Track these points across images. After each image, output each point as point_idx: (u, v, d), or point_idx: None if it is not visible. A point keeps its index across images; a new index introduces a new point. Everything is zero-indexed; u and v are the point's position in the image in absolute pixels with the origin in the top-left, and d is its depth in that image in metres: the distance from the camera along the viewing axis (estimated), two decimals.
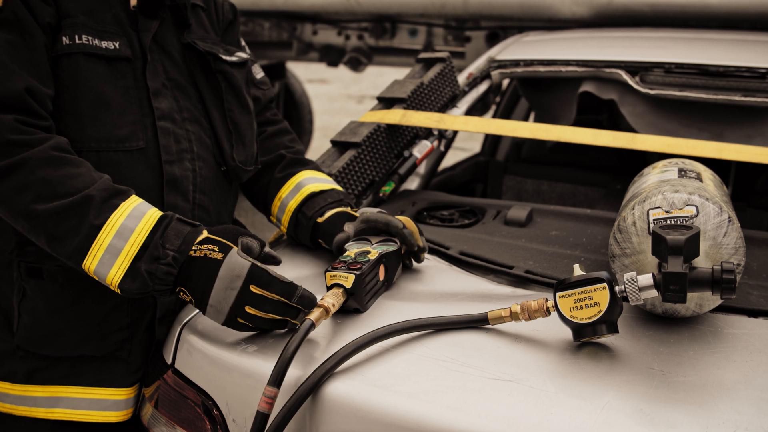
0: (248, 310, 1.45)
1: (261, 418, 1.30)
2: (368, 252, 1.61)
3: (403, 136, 2.38)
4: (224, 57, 1.82)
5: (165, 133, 1.68)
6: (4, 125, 1.45)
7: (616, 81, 2.55)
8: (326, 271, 1.56)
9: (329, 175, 2.10)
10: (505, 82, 3.11)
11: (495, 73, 2.72)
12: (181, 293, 1.50)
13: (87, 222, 1.46)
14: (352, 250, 1.64)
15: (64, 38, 1.59)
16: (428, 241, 1.89)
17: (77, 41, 1.60)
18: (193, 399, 1.52)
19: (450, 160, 3.14)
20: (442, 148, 2.59)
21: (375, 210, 1.79)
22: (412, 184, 2.63)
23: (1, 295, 1.69)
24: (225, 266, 1.46)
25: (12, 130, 1.46)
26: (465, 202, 2.24)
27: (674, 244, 1.33)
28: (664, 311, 1.50)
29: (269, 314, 1.45)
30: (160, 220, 1.51)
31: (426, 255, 1.85)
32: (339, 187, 1.95)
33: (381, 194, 2.26)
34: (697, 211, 1.46)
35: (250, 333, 1.51)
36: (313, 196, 1.88)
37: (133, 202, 1.52)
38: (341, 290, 1.51)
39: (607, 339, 1.42)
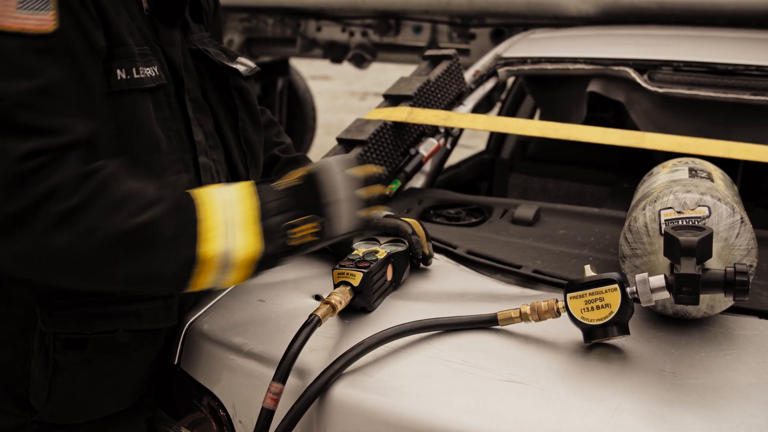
0: (360, 193, 1.38)
1: (266, 414, 1.29)
2: (376, 251, 1.60)
3: (410, 134, 2.36)
4: (241, 70, 1.64)
5: (205, 169, 1.51)
6: (70, 160, 1.21)
7: (624, 79, 2.53)
8: (334, 268, 1.54)
9: None
10: (510, 79, 3.09)
11: (502, 71, 2.71)
12: (302, 228, 1.32)
13: (184, 210, 1.26)
14: (360, 249, 1.62)
15: (119, 71, 1.33)
16: (435, 240, 1.88)
17: (135, 76, 1.36)
18: (198, 399, 1.50)
19: (454, 157, 3.12)
20: (448, 145, 2.57)
21: (381, 213, 1.75)
22: (418, 182, 2.61)
23: (4, 367, 1.44)
24: (316, 172, 1.36)
25: (76, 164, 1.21)
26: (472, 201, 2.23)
27: (687, 245, 1.31)
28: (675, 312, 1.48)
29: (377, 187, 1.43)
30: (248, 188, 1.33)
31: (433, 254, 1.84)
32: None
33: (387, 192, 2.25)
34: (710, 212, 1.45)
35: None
36: None
37: (207, 188, 1.33)
38: (348, 288, 1.50)
39: (617, 340, 1.41)
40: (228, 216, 1.27)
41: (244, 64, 1.69)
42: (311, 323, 1.36)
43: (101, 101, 1.32)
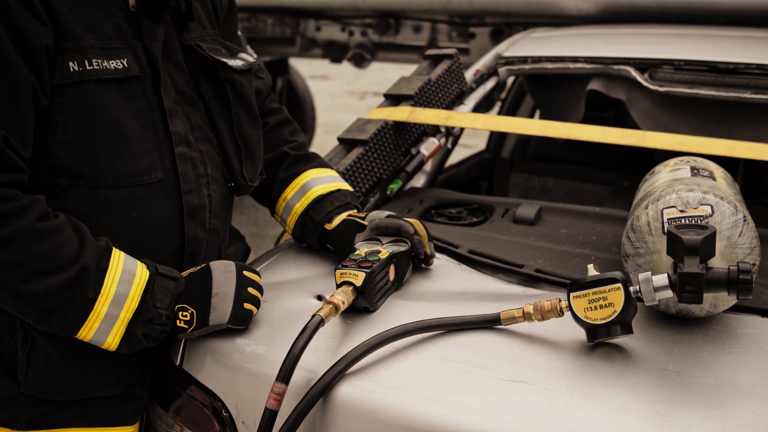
0: (250, 291, 1.52)
1: (269, 414, 1.29)
2: (379, 251, 1.60)
3: (411, 134, 2.36)
4: (232, 64, 1.67)
5: (183, 160, 1.56)
6: None
7: (624, 78, 2.53)
8: (336, 268, 1.54)
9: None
10: (510, 79, 3.09)
11: (502, 70, 2.70)
12: (181, 314, 1.48)
13: (83, 295, 1.39)
14: (363, 249, 1.62)
15: (71, 64, 1.40)
16: (437, 239, 1.88)
17: (87, 67, 1.41)
18: (201, 400, 1.50)
19: (454, 156, 3.12)
20: (449, 145, 2.57)
21: (383, 214, 1.76)
22: (418, 181, 2.61)
23: (1, 341, 1.53)
24: (213, 265, 1.55)
25: None
26: (473, 200, 2.22)
27: (691, 244, 1.31)
28: (678, 311, 1.48)
29: (260, 296, 1.55)
30: (149, 281, 1.46)
31: (435, 253, 1.84)
32: (345, 185, 1.91)
33: (388, 192, 2.25)
34: (712, 211, 1.45)
35: (241, 330, 1.53)
36: (320, 199, 1.83)
37: (119, 261, 1.44)
38: (351, 288, 1.50)
39: (620, 339, 1.41)
40: (113, 312, 1.43)
41: (242, 59, 1.72)
42: (314, 323, 1.36)
43: (53, 93, 1.40)
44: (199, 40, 1.66)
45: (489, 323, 1.46)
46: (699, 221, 1.44)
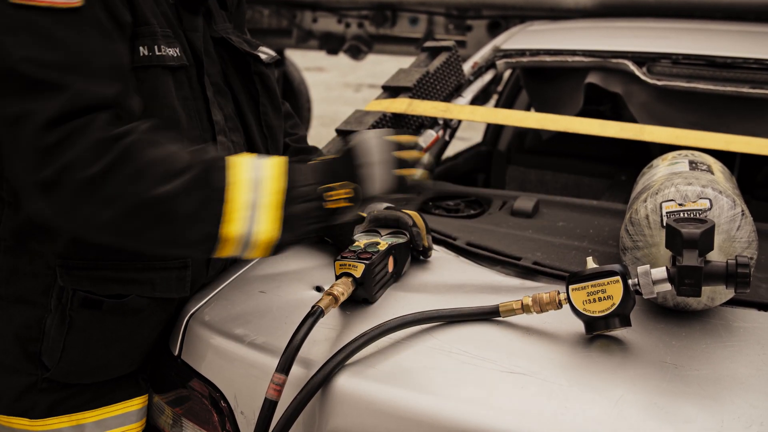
0: (399, 155, 1.45)
1: (269, 405, 1.29)
2: (378, 243, 1.60)
3: (409, 126, 2.36)
4: (262, 57, 1.71)
5: (223, 149, 1.57)
6: (97, 124, 1.27)
7: (622, 72, 2.53)
8: (336, 259, 1.54)
9: None
10: (507, 72, 3.09)
11: (500, 63, 2.70)
12: (334, 194, 1.38)
13: (213, 188, 1.31)
14: (362, 240, 1.62)
15: (141, 48, 1.42)
16: (435, 232, 1.88)
17: (156, 52, 1.44)
18: (200, 391, 1.50)
19: (450, 149, 3.12)
20: (446, 137, 2.57)
21: (382, 206, 1.77)
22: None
23: (22, 325, 1.51)
24: (353, 143, 1.44)
25: (103, 128, 1.28)
26: (470, 193, 2.23)
27: (690, 237, 1.32)
28: (676, 304, 1.49)
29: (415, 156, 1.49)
30: (287, 163, 1.38)
31: (433, 245, 1.84)
32: None
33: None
34: (711, 204, 1.45)
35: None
36: None
37: (239, 156, 1.38)
38: (350, 279, 1.50)
39: (619, 332, 1.41)
40: (254, 198, 1.32)
41: (265, 53, 1.76)
42: (314, 314, 1.36)
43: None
44: (223, 32, 1.69)
45: (488, 315, 1.47)
46: (698, 215, 1.44)
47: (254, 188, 1.33)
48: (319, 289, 1.63)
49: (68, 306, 1.48)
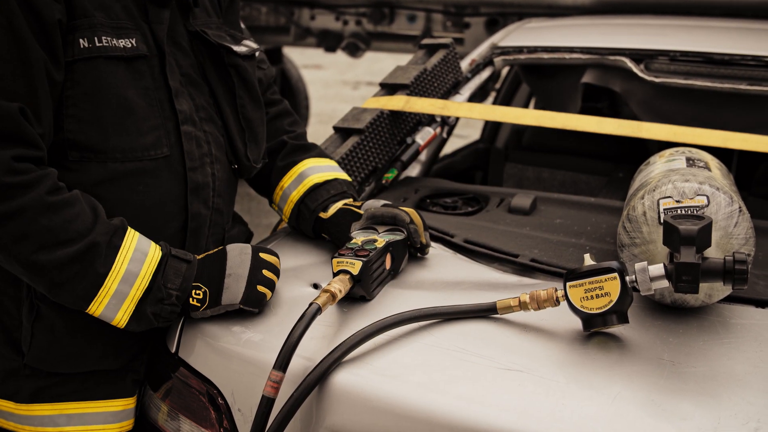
0: (265, 273, 1.53)
1: (266, 402, 1.29)
2: (375, 240, 1.60)
3: (406, 123, 2.36)
4: (236, 49, 1.72)
5: (188, 137, 1.60)
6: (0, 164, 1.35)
7: (620, 69, 2.53)
8: (333, 257, 1.54)
9: None
10: (505, 69, 3.09)
11: (498, 60, 2.70)
12: (194, 293, 1.50)
13: (93, 270, 1.42)
14: (360, 237, 1.62)
15: (81, 41, 1.46)
16: (432, 229, 1.88)
17: (97, 44, 1.47)
18: (197, 388, 1.50)
19: (448, 147, 3.12)
20: (444, 134, 2.56)
21: (379, 203, 1.77)
22: (413, 171, 2.62)
23: (4, 312, 1.58)
24: (229, 247, 1.57)
25: (8, 171, 1.35)
26: (468, 190, 2.22)
27: (687, 234, 1.31)
28: (673, 301, 1.49)
29: (276, 279, 1.55)
30: (161, 261, 1.49)
31: (430, 243, 1.84)
32: (342, 174, 1.92)
33: (384, 181, 2.24)
34: (708, 201, 1.45)
35: (245, 315, 1.53)
36: (316, 188, 1.84)
37: (133, 240, 1.47)
38: (348, 276, 1.50)
39: (616, 329, 1.41)
40: (123, 289, 1.45)
41: (246, 46, 1.76)
42: (312, 312, 1.36)
43: (65, 69, 1.45)
44: (204, 26, 1.70)
45: (485, 312, 1.47)
46: (695, 212, 1.44)
47: (126, 280, 1.45)
48: (316, 286, 1.63)
49: (33, 295, 1.53)
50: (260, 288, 1.52)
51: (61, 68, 1.44)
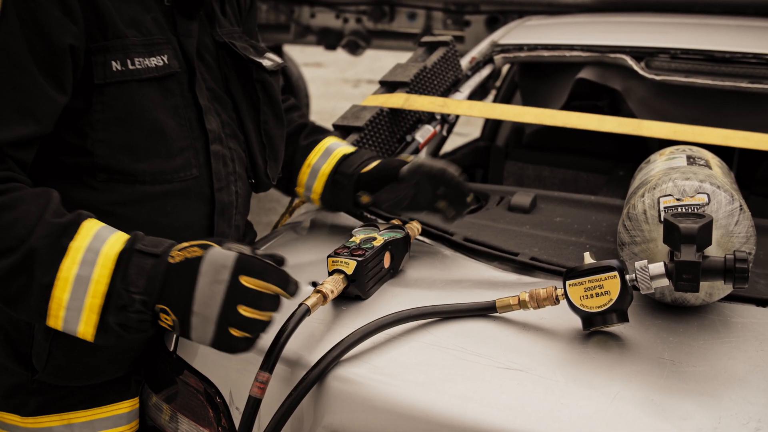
0: (242, 311, 1.20)
1: (253, 402, 1.28)
2: (374, 238, 1.59)
3: (406, 121, 2.35)
4: (264, 64, 1.66)
5: (216, 157, 1.54)
6: None
7: (620, 67, 2.52)
8: (329, 256, 1.54)
9: None
10: (505, 67, 3.08)
11: (498, 58, 2.69)
12: (163, 316, 1.25)
13: (36, 281, 1.24)
14: (358, 236, 1.61)
15: (114, 63, 1.38)
16: (431, 227, 1.87)
17: (130, 66, 1.39)
18: (195, 387, 1.50)
19: (448, 145, 3.11)
20: (444, 132, 2.56)
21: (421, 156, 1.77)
22: None
23: (13, 328, 1.50)
24: (206, 260, 1.23)
25: None
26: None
27: (687, 232, 1.31)
28: (674, 300, 1.48)
29: (268, 313, 1.23)
30: (118, 261, 1.26)
31: (429, 241, 1.84)
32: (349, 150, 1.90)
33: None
34: (709, 199, 1.44)
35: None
36: (347, 156, 1.83)
37: (85, 237, 1.27)
38: (342, 276, 1.49)
39: (616, 328, 1.40)
40: (75, 299, 1.25)
41: (270, 60, 1.70)
42: (300, 313, 1.35)
43: (95, 91, 1.36)
44: (230, 37, 1.64)
45: (484, 311, 1.46)
46: (695, 210, 1.44)
47: (77, 288, 1.25)
48: (315, 284, 1.62)
49: None
50: (233, 332, 1.21)
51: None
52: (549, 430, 1.18)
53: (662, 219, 1.43)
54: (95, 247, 1.27)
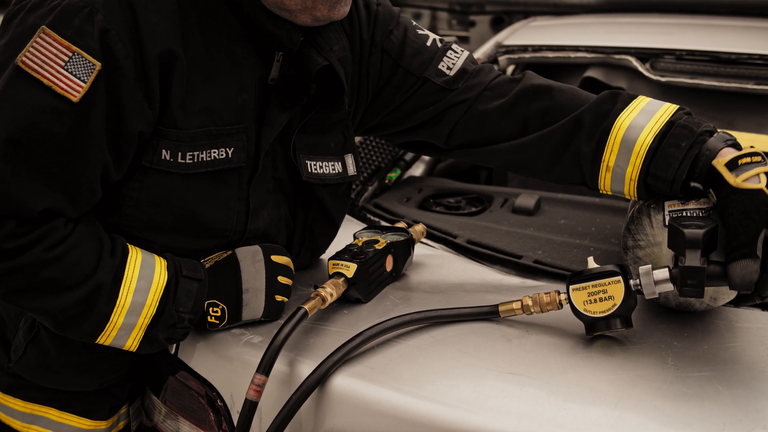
0: (281, 280, 1.48)
1: (249, 405, 1.29)
2: (376, 241, 1.58)
3: None
4: (328, 181, 1.59)
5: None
6: (7, 229, 1.27)
7: (625, 68, 2.51)
8: (330, 258, 1.53)
9: None
10: (510, 68, 3.07)
11: (502, 59, 2.68)
12: (211, 310, 1.45)
13: (97, 310, 1.36)
14: (361, 238, 1.61)
15: (164, 152, 1.35)
16: (435, 229, 1.87)
17: (179, 160, 1.36)
18: (196, 390, 1.49)
19: None
20: None
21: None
22: (417, 170, 2.59)
23: (4, 311, 1.59)
24: (239, 253, 1.48)
25: (7, 237, 1.27)
26: (472, 189, 2.21)
27: (692, 237, 1.29)
28: (678, 305, 1.47)
29: (291, 280, 1.51)
30: (167, 287, 1.40)
31: (432, 243, 1.83)
32: (671, 109, 1.46)
33: (387, 181, 2.23)
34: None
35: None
36: (655, 150, 1.41)
37: (135, 269, 1.39)
38: (342, 279, 1.49)
39: (619, 333, 1.39)
40: (130, 321, 1.40)
41: (334, 169, 1.62)
42: (298, 316, 1.36)
43: (136, 170, 1.37)
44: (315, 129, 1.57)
45: (487, 315, 1.45)
46: (700, 214, 1.42)
47: (131, 312, 1.39)
48: (317, 287, 1.61)
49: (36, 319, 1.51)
50: (278, 298, 1.49)
51: (121, 170, 1.36)
52: None
53: (667, 223, 1.42)
54: (146, 275, 1.40)
